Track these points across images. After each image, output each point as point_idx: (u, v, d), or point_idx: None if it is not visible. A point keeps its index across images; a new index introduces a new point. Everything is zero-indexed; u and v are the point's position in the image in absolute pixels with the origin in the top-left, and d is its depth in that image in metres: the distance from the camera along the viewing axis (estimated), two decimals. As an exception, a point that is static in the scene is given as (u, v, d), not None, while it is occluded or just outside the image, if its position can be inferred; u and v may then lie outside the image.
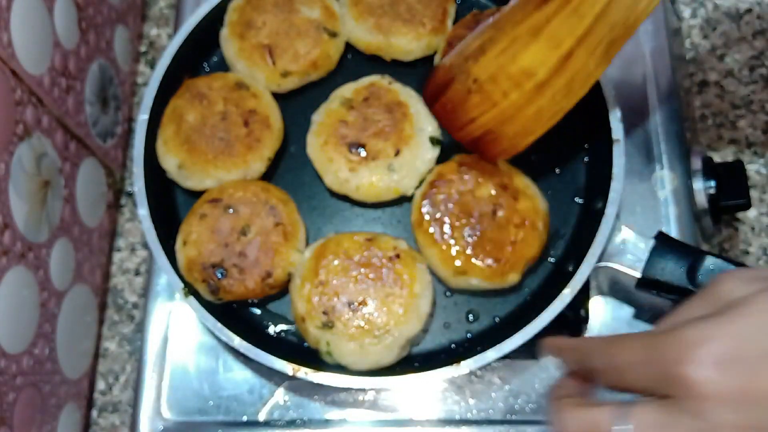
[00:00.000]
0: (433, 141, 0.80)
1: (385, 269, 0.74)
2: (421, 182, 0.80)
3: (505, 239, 0.75)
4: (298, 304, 0.75)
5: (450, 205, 0.77)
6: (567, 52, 0.67)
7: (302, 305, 0.74)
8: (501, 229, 0.75)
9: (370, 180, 0.79)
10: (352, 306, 0.73)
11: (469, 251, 0.75)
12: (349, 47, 0.88)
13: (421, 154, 0.80)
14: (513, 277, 0.76)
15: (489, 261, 0.75)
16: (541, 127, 0.72)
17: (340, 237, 0.77)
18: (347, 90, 0.83)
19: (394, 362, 0.74)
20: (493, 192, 0.77)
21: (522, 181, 0.78)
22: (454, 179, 0.78)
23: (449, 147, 0.82)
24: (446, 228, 0.76)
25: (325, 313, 0.73)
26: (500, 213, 0.76)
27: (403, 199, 0.82)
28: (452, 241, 0.76)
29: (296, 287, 0.76)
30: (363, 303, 0.73)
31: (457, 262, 0.75)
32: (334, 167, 0.80)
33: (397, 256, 0.75)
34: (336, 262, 0.75)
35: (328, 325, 0.73)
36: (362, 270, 0.74)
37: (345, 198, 0.81)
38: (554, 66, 0.68)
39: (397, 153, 0.79)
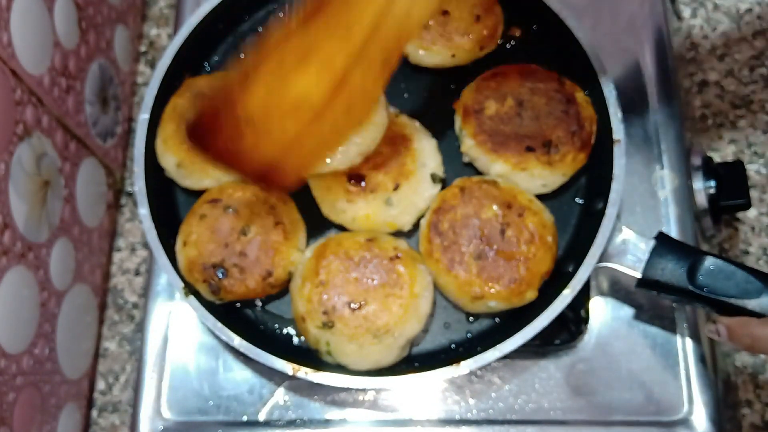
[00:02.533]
0: (435, 178, 0.80)
1: (386, 269, 0.74)
2: (419, 218, 0.79)
3: (517, 258, 0.75)
4: (298, 303, 0.75)
5: (458, 231, 0.76)
6: (341, 71, 0.62)
7: (302, 305, 0.74)
8: (512, 249, 0.75)
9: (367, 212, 0.78)
10: (352, 306, 0.73)
11: (483, 276, 0.74)
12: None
13: (420, 190, 0.79)
14: (531, 295, 0.75)
15: (505, 283, 0.74)
16: (327, 151, 0.68)
17: (340, 237, 0.77)
18: None
19: (395, 362, 0.74)
20: (498, 212, 0.76)
21: (525, 197, 0.78)
22: (458, 204, 0.77)
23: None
24: (457, 255, 0.75)
25: (325, 313, 0.73)
26: (509, 232, 0.75)
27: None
28: (465, 268, 0.75)
29: (296, 287, 0.76)
30: (363, 303, 0.73)
31: (474, 289, 0.75)
32: (332, 196, 0.79)
33: (398, 256, 0.75)
34: (336, 262, 0.75)
35: (328, 325, 0.73)
36: (362, 270, 0.74)
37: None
38: (329, 88, 0.62)
39: (396, 187, 0.78)
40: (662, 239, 0.75)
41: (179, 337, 0.84)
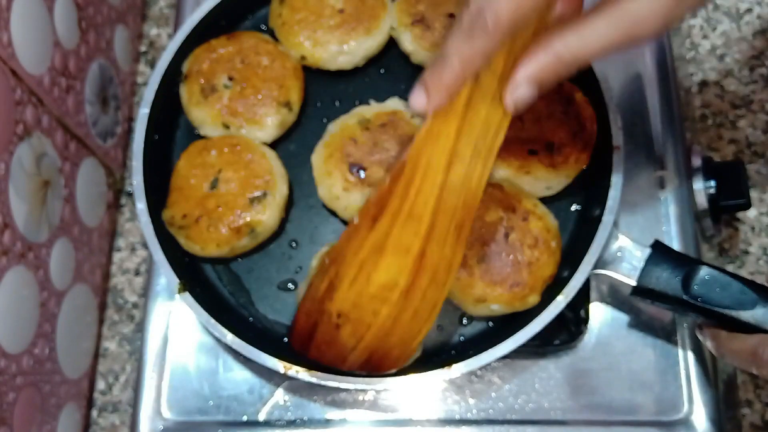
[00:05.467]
0: None
1: None
2: None
3: (520, 262, 0.75)
4: None
5: None
6: (419, 253, 0.65)
7: None
8: (515, 252, 0.75)
9: (359, 204, 0.78)
10: None
11: (486, 279, 0.74)
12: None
13: None
14: (533, 299, 0.75)
15: (508, 286, 0.74)
16: (426, 323, 0.68)
17: None
18: (369, 110, 0.82)
19: (407, 364, 0.74)
20: (502, 215, 0.76)
21: (530, 201, 0.77)
22: None
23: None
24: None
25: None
26: (512, 236, 0.75)
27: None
28: (468, 270, 0.75)
29: (303, 294, 0.75)
30: None
31: (476, 291, 0.74)
32: (330, 181, 0.79)
33: None
34: None
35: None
36: None
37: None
38: (411, 269, 0.65)
39: None
40: (658, 248, 0.74)
41: (179, 337, 0.84)
